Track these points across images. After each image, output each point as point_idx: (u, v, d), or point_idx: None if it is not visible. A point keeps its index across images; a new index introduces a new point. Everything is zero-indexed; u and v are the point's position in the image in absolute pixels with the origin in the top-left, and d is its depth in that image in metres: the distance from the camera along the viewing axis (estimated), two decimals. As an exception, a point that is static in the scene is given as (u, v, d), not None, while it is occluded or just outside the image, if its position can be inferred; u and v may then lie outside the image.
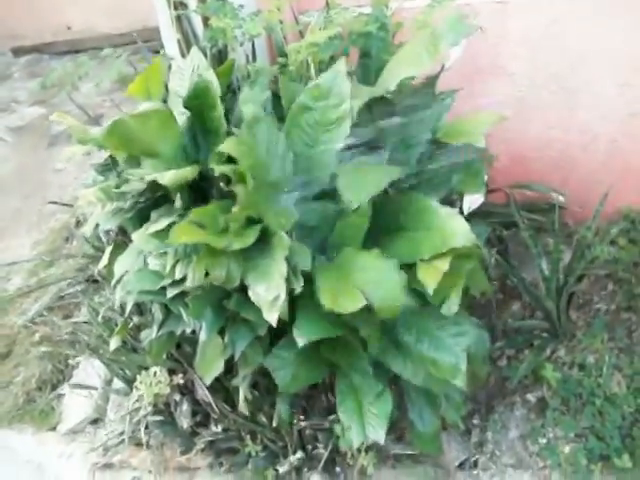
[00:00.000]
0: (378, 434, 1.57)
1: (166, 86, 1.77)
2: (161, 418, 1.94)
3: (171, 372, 1.88)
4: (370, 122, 1.62)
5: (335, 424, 1.74)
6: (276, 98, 1.68)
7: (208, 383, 1.76)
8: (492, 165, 1.92)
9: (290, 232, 1.42)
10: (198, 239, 1.33)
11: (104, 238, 2.20)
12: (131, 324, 1.97)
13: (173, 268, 1.43)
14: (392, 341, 1.55)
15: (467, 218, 1.41)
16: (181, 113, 1.65)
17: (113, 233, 1.98)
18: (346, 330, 1.48)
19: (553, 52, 2.03)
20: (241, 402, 1.76)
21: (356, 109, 1.41)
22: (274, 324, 1.33)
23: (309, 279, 1.41)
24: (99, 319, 2.12)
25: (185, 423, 1.90)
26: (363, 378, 1.62)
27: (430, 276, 1.32)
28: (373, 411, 1.60)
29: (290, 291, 1.37)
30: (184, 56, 1.90)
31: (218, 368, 1.67)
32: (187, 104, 1.59)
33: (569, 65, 2.04)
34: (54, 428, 2.18)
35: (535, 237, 2.02)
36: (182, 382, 1.87)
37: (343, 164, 1.48)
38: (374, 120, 1.61)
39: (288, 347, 1.61)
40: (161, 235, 1.43)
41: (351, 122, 1.46)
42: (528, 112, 2.17)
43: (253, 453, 1.83)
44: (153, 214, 1.53)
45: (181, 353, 1.89)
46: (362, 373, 1.61)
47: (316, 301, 1.38)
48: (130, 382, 1.96)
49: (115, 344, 1.88)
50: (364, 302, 1.33)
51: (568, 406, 1.83)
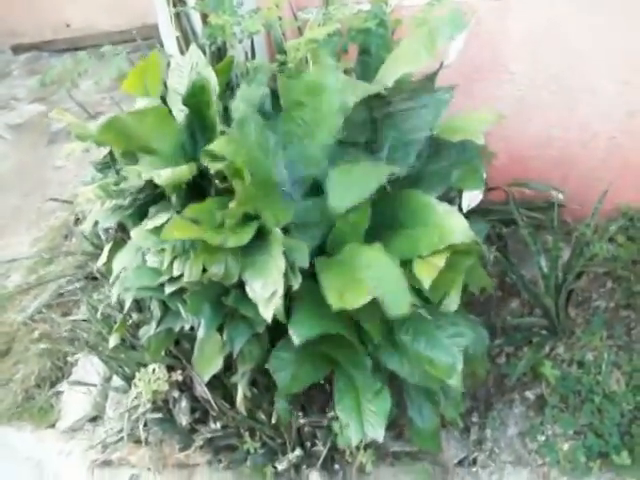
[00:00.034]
0: (377, 432, 1.57)
1: (165, 83, 1.78)
2: (160, 415, 1.94)
3: (170, 369, 1.88)
4: (368, 119, 1.62)
5: (333, 422, 1.74)
6: (276, 95, 1.68)
7: (206, 380, 1.76)
8: (491, 163, 1.92)
9: (288, 229, 1.42)
10: (191, 235, 1.33)
11: (103, 235, 2.21)
12: (130, 321, 1.98)
13: (171, 264, 1.43)
14: (389, 339, 1.54)
15: (466, 215, 1.40)
16: (180, 110, 1.65)
17: (112, 230, 1.98)
18: (344, 328, 1.48)
19: (553, 51, 2.03)
20: (240, 399, 1.76)
21: (351, 105, 1.40)
22: (269, 321, 1.33)
23: (305, 276, 1.41)
24: (98, 316, 2.11)
25: (184, 420, 1.90)
26: (362, 375, 1.62)
27: (426, 272, 1.32)
28: (372, 409, 1.60)
29: (288, 289, 1.37)
30: (183, 53, 1.89)
31: (216, 365, 1.67)
32: (186, 102, 1.59)
33: (569, 64, 2.04)
34: (53, 425, 2.18)
35: (534, 235, 2.02)
36: (181, 379, 1.87)
37: (337, 162, 1.47)
38: (372, 117, 1.61)
39: (287, 347, 1.61)
40: (159, 231, 1.42)
41: (346, 118, 1.45)
42: (528, 111, 2.17)
43: (252, 450, 1.83)
44: (151, 210, 1.53)
45: (180, 350, 1.89)
46: (361, 370, 1.61)
47: (313, 299, 1.37)
48: (129, 379, 1.96)
49: (114, 341, 1.88)
50: (370, 296, 1.32)
51: (567, 403, 1.83)
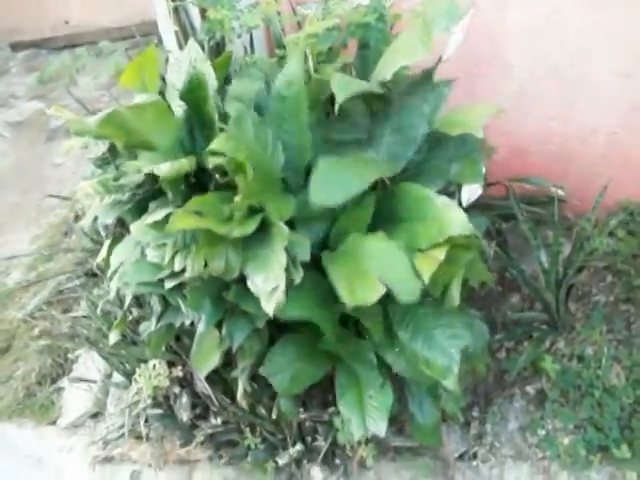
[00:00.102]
0: (379, 427, 1.57)
1: (163, 78, 1.77)
2: (160, 411, 1.94)
3: (170, 365, 1.88)
4: (367, 114, 1.61)
5: (335, 417, 1.74)
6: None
7: (204, 375, 1.76)
8: (491, 157, 1.92)
9: (292, 223, 1.41)
10: (197, 225, 1.33)
11: (103, 232, 2.20)
12: (130, 317, 1.97)
13: (172, 259, 1.43)
14: (389, 335, 1.54)
15: (466, 210, 1.39)
16: (178, 106, 1.64)
17: (112, 226, 1.97)
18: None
19: (553, 44, 2.02)
20: (240, 394, 1.76)
21: (340, 101, 1.39)
22: (271, 314, 1.32)
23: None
24: (98, 313, 2.11)
25: (184, 416, 1.90)
26: (365, 370, 1.62)
27: (426, 265, 1.31)
28: (374, 404, 1.59)
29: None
30: (182, 48, 1.89)
31: (214, 361, 1.67)
32: (183, 97, 1.59)
33: (569, 57, 2.03)
34: (54, 422, 2.18)
35: (534, 230, 2.02)
36: (181, 375, 1.88)
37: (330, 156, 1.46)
38: (371, 112, 1.61)
39: (283, 351, 1.62)
40: (159, 226, 1.42)
41: (344, 113, 1.44)
42: (527, 105, 2.16)
43: (253, 445, 1.84)
44: (151, 205, 1.52)
45: (180, 345, 1.89)
46: (364, 365, 1.61)
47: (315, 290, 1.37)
48: (130, 375, 1.95)
49: (114, 337, 1.88)
50: (383, 290, 1.31)
51: (567, 398, 1.83)
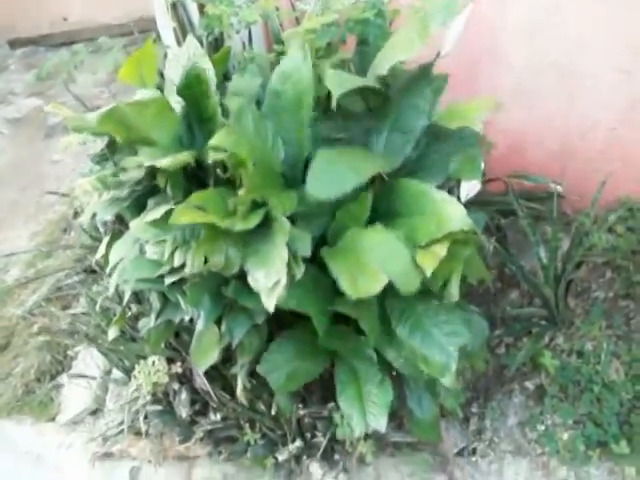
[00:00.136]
0: (379, 422, 1.57)
1: (162, 74, 1.77)
2: (160, 407, 1.94)
3: (169, 361, 1.89)
4: (365, 110, 1.61)
5: (334, 412, 1.74)
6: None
7: (202, 371, 1.76)
8: (490, 153, 1.92)
9: (290, 218, 1.41)
10: (201, 220, 1.33)
11: (102, 228, 2.20)
12: (129, 313, 1.98)
13: (171, 255, 1.42)
14: (387, 331, 1.53)
15: (465, 206, 1.39)
16: (177, 102, 1.64)
17: (110, 223, 1.97)
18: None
19: (553, 40, 2.02)
20: (239, 390, 1.76)
21: (336, 96, 1.38)
22: (271, 310, 1.32)
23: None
24: (97, 309, 2.11)
25: (184, 412, 1.91)
26: (364, 366, 1.62)
27: (428, 260, 1.31)
28: (374, 400, 1.60)
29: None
30: (180, 44, 1.88)
31: (213, 357, 1.66)
32: (180, 92, 1.58)
33: (568, 53, 2.02)
34: (53, 419, 2.19)
35: (533, 225, 2.02)
36: (181, 371, 1.88)
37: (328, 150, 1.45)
38: (368, 107, 1.60)
39: (279, 349, 1.62)
40: (159, 223, 1.42)
41: (342, 109, 1.44)
42: (527, 100, 2.16)
43: (252, 441, 1.84)
44: (150, 202, 1.52)
45: (179, 342, 1.89)
46: (363, 361, 1.61)
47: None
48: (129, 372, 1.96)
49: (113, 334, 1.88)
50: (386, 280, 1.32)
51: (566, 393, 1.83)
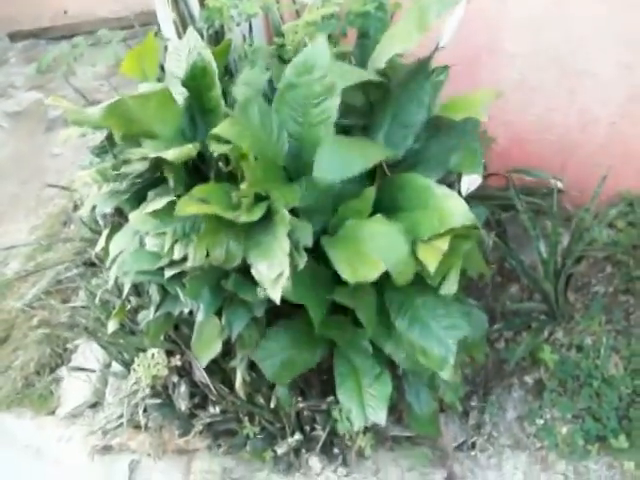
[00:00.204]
0: (378, 416, 1.58)
1: (162, 67, 1.76)
2: (159, 400, 1.94)
3: (169, 354, 1.88)
4: (365, 103, 1.61)
5: (333, 406, 1.75)
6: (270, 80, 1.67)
7: (204, 365, 1.76)
8: (491, 148, 1.91)
9: (293, 212, 1.40)
10: (205, 211, 1.32)
11: (101, 221, 2.20)
12: (129, 306, 1.97)
13: (171, 248, 1.42)
14: (385, 324, 1.54)
15: (466, 200, 1.39)
16: (178, 94, 1.63)
17: (110, 216, 1.97)
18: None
19: (554, 34, 2.01)
20: (239, 384, 1.76)
21: (340, 88, 1.38)
22: (278, 302, 1.31)
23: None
24: (97, 302, 2.11)
25: (183, 405, 1.91)
26: (362, 359, 1.62)
27: (430, 255, 1.31)
28: (372, 393, 1.61)
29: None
30: (181, 37, 1.88)
31: (215, 350, 1.67)
32: (185, 84, 1.58)
33: (570, 47, 2.02)
34: (53, 412, 2.19)
35: (534, 220, 2.02)
36: (180, 364, 1.87)
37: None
38: (369, 101, 1.60)
39: (276, 338, 1.63)
40: (159, 215, 1.42)
41: (342, 102, 1.43)
42: (528, 94, 2.15)
43: (251, 435, 1.84)
44: (150, 194, 1.51)
45: (179, 335, 1.89)
46: (361, 354, 1.61)
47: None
48: (128, 365, 1.96)
49: (113, 327, 1.88)
50: (384, 267, 1.32)
51: (565, 388, 1.84)
